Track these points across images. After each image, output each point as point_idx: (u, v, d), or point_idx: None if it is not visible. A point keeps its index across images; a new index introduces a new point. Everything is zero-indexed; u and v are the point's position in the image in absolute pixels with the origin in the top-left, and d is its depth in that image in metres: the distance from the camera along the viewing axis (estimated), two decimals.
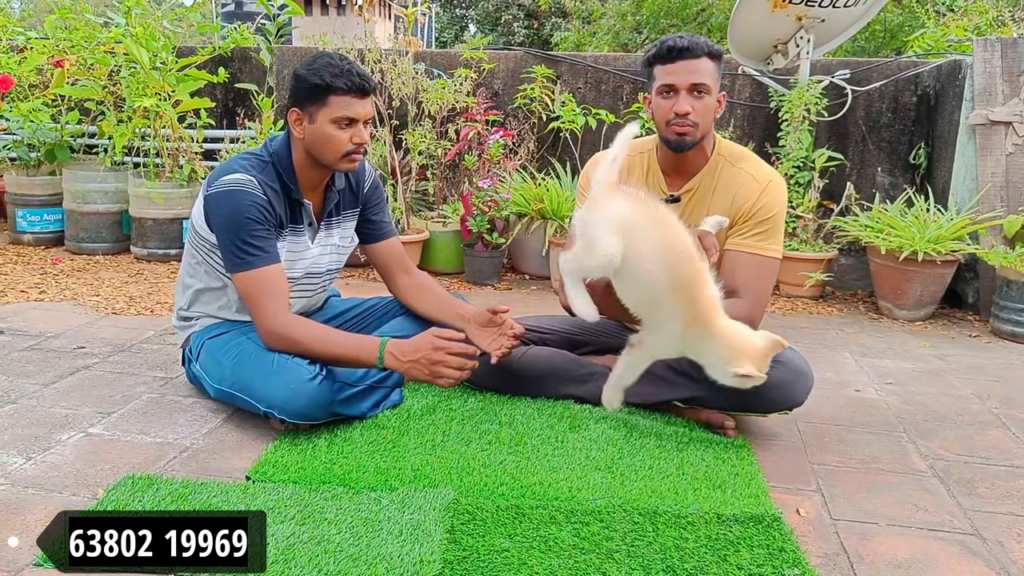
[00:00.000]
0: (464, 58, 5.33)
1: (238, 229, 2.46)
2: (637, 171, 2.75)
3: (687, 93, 2.52)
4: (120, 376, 2.95)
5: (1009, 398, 3.16)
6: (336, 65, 2.46)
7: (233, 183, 2.48)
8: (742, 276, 2.59)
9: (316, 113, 2.49)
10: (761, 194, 2.59)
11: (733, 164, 2.66)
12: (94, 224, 5.08)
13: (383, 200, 2.94)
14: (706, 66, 2.53)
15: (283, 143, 2.61)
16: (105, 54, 4.99)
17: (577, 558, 1.86)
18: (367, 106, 2.52)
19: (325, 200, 2.71)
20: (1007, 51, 4.45)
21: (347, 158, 2.54)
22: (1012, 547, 2.03)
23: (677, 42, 2.52)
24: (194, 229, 2.65)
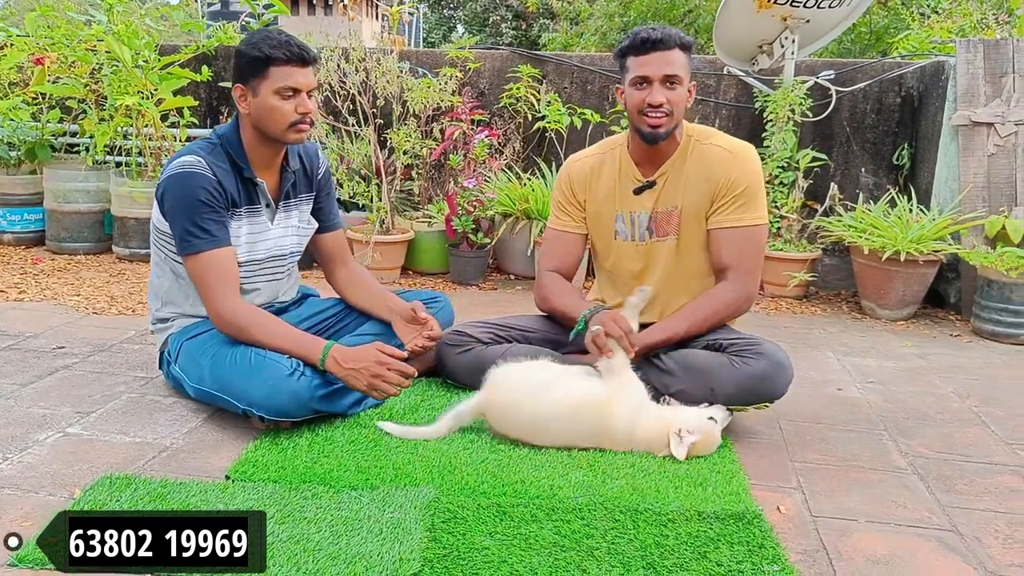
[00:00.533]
0: (450, 57, 5.32)
1: (188, 212, 2.49)
2: (608, 168, 2.81)
3: (660, 84, 2.58)
4: (100, 376, 2.93)
5: (989, 396, 3.18)
6: (274, 37, 2.50)
7: (181, 166, 2.51)
8: (728, 253, 2.68)
9: (259, 86, 2.51)
10: (734, 164, 2.67)
11: (702, 141, 2.73)
12: (75, 224, 5.05)
13: (333, 189, 2.98)
14: (678, 57, 2.58)
15: (231, 124, 2.64)
16: (87, 52, 4.96)
17: (557, 556, 1.86)
18: (309, 75, 2.54)
19: (282, 180, 2.72)
20: (990, 53, 4.47)
21: (293, 128, 2.55)
22: (990, 543, 2.04)
23: (650, 34, 2.56)
24: (154, 225, 2.68)
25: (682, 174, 2.72)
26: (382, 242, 4.67)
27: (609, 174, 2.81)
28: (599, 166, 2.83)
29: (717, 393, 2.56)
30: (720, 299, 2.69)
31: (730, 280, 2.68)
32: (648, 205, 2.77)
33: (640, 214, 2.78)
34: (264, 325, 2.52)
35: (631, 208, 2.79)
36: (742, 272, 2.68)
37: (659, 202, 2.76)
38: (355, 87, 4.87)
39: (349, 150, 5.02)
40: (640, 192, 2.76)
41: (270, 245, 2.71)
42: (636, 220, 2.79)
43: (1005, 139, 4.41)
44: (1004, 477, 2.44)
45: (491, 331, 2.89)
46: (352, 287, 2.94)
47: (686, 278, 2.80)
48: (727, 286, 2.69)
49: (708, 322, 2.69)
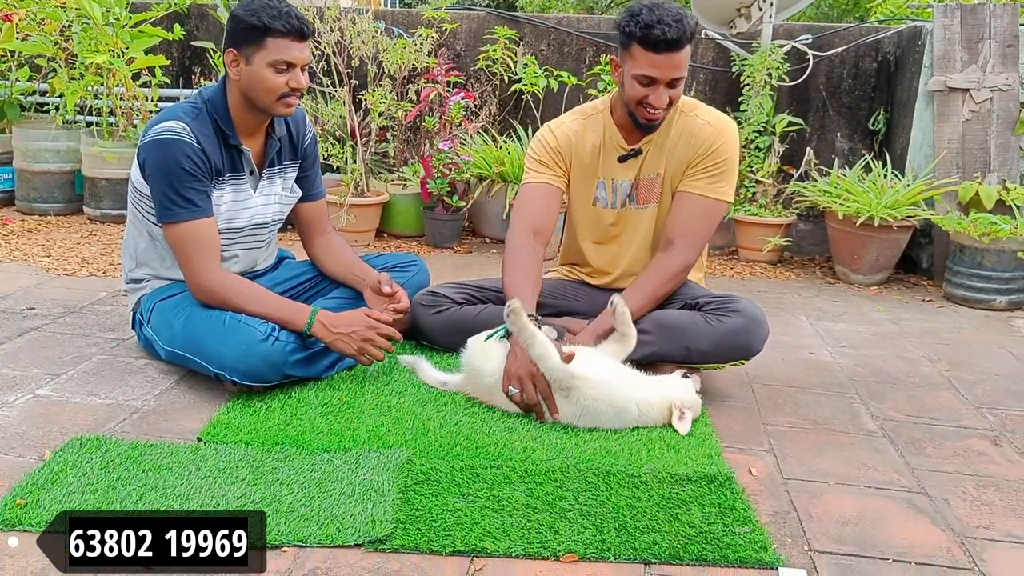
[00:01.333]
0: (426, 18, 5.26)
1: (170, 179, 2.44)
2: (591, 134, 2.75)
3: (666, 86, 2.50)
4: (70, 337, 2.90)
5: (958, 361, 3.21)
6: (274, 7, 2.42)
7: (166, 131, 2.44)
8: (684, 220, 2.67)
9: (253, 55, 2.45)
10: (716, 137, 2.65)
11: (687, 113, 2.70)
12: (46, 184, 4.97)
13: (318, 157, 2.94)
14: (686, 55, 2.49)
15: (218, 88, 2.57)
16: (56, 9, 4.84)
17: (530, 517, 1.87)
18: (305, 50, 2.50)
19: (267, 147, 2.67)
20: (967, 18, 4.47)
21: (282, 101, 2.51)
22: (957, 504, 2.07)
23: (667, 33, 2.40)
24: (133, 185, 2.62)
25: (666, 142, 2.69)
26: (357, 204, 4.63)
27: (593, 140, 2.75)
28: (583, 131, 2.77)
29: (692, 351, 2.57)
30: (669, 271, 2.66)
31: (679, 249, 2.66)
32: (631, 173, 2.74)
33: (622, 182, 2.75)
34: (246, 293, 2.51)
35: (614, 175, 2.76)
36: (691, 243, 2.67)
37: (643, 169, 2.73)
38: (329, 47, 4.80)
39: (323, 111, 4.96)
40: (624, 160, 2.73)
41: (252, 213, 2.67)
42: (618, 187, 2.76)
43: (980, 105, 4.43)
44: (972, 440, 2.47)
45: (465, 292, 2.88)
46: (328, 256, 2.90)
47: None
48: (675, 256, 2.66)
49: (658, 298, 2.66)
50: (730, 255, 4.90)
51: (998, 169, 4.41)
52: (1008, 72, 4.41)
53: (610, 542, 1.79)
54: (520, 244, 2.70)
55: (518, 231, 2.74)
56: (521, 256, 2.68)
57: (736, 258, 4.83)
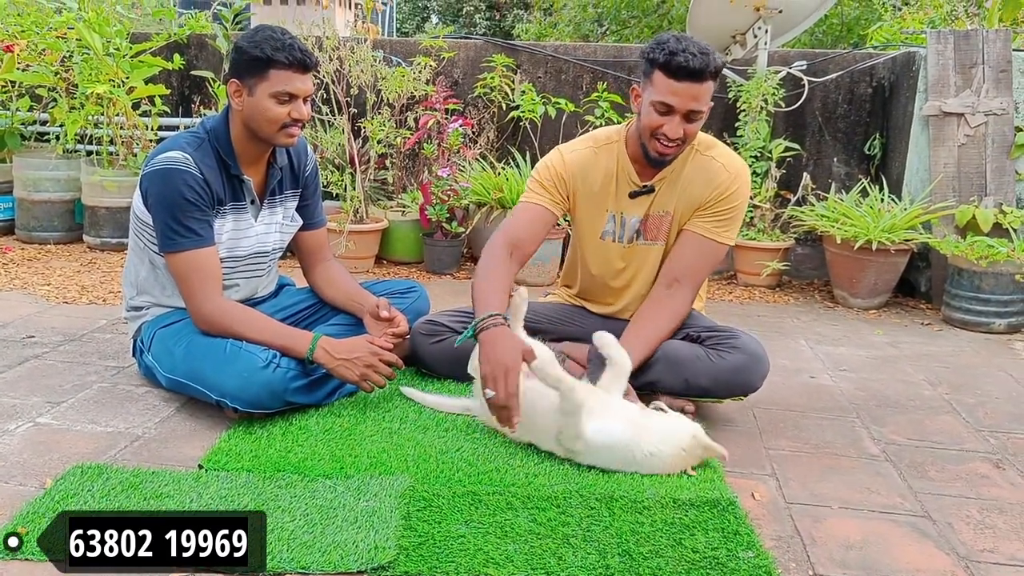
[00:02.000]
0: (424, 46, 5.30)
1: (172, 209, 2.45)
2: (604, 164, 2.69)
3: (682, 118, 2.45)
4: (71, 365, 2.90)
5: (959, 384, 3.21)
6: (277, 39, 2.44)
7: (168, 161, 2.46)
8: (689, 260, 2.64)
9: (256, 86, 2.46)
10: (732, 183, 2.62)
11: (703, 152, 2.65)
12: (46, 213, 4.98)
13: (319, 186, 2.94)
14: (708, 90, 2.44)
15: (221, 118, 2.58)
16: (57, 39, 4.88)
17: (533, 543, 1.86)
18: (307, 82, 2.51)
19: (268, 177, 2.69)
20: (960, 43, 4.51)
21: (284, 132, 2.52)
22: (961, 528, 2.06)
23: (690, 62, 2.36)
24: (134, 214, 2.62)
25: (679, 180, 2.65)
26: (356, 231, 4.65)
27: (606, 171, 2.70)
28: (594, 160, 2.71)
29: (691, 385, 2.56)
30: (675, 311, 2.63)
31: (685, 289, 2.63)
32: (642, 209, 2.69)
33: (632, 217, 2.71)
34: (247, 320, 2.51)
35: (623, 209, 2.71)
36: (692, 285, 2.66)
37: (653, 206, 2.68)
38: (328, 76, 4.83)
39: (323, 139, 4.98)
40: (635, 196, 2.69)
41: (252, 242, 2.68)
42: (627, 222, 2.72)
43: (975, 129, 4.46)
44: (975, 463, 2.47)
45: (464, 320, 2.86)
46: (327, 283, 2.90)
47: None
48: (680, 296, 2.63)
49: (663, 337, 2.60)
50: (729, 279, 4.91)
51: (994, 192, 4.43)
52: (1002, 96, 4.45)
53: (614, 568, 1.78)
54: (495, 253, 2.62)
55: (497, 243, 2.66)
56: (494, 264, 2.60)
57: (735, 282, 4.84)
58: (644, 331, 2.57)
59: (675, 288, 2.64)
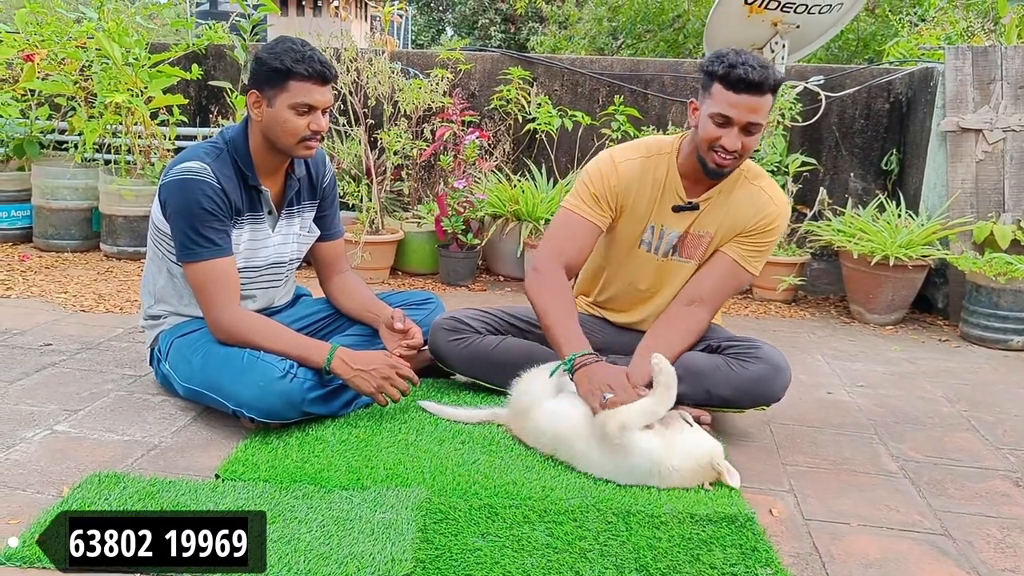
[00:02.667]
0: (440, 59, 5.31)
1: (191, 219, 2.46)
2: (651, 174, 2.65)
3: (740, 130, 2.42)
4: (87, 373, 2.91)
5: (977, 401, 3.19)
6: (298, 50, 2.44)
7: (187, 171, 2.46)
8: (714, 282, 2.64)
9: (275, 97, 2.46)
10: (776, 218, 2.63)
11: (751, 181, 2.65)
12: (63, 221, 5.01)
13: (337, 198, 2.95)
14: (767, 103, 2.43)
15: (240, 128, 2.59)
16: (76, 49, 4.92)
17: (550, 557, 1.85)
18: (327, 94, 2.51)
19: (286, 188, 2.69)
20: (978, 60, 4.49)
21: (303, 144, 2.52)
22: (981, 547, 2.04)
23: (749, 74, 2.35)
24: (153, 223, 2.64)
25: (727, 203, 2.63)
26: (372, 242, 4.65)
27: (654, 182, 2.65)
28: (644, 172, 2.65)
29: (713, 395, 2.55)
30: (694, 331, 2.64)
31: (706, 310, 2.64)
32: (682, 225, 2.66)
33: (671, 231, 2.68)
34: (265, 330, 2.51)
35: (664, 222, 2.67)
36: (711, 307, 2.66)
37: (695, 224, 2.65)
38: (346, 87, 4.86)
39: (339, 150, 5.00)
40: (679, 211, 2.64)
41: (270, 252, 2.69)
42: (665, 235, 2.69)
43: (993, 145, 4.44)
44: (995, 481, 2.45)
45: (485, 321, 2.84)
46: (344, 294, 2.90)
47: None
48: (701, 316, 2.64)
49: (679, 354, 2.58)
50: (745, 294, 4.89)
51: (1012, 209, 4.41)
52: (1021, 113, 4.43)
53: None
54: (554, 278, 2.61)
55: (550, 263, 2.63)
56: (561, 290, 2.60)
57: (751, 297, 4.82)
58: (658, 347, 2.49)
59: (695, 307, 2.63)
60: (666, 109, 5.36)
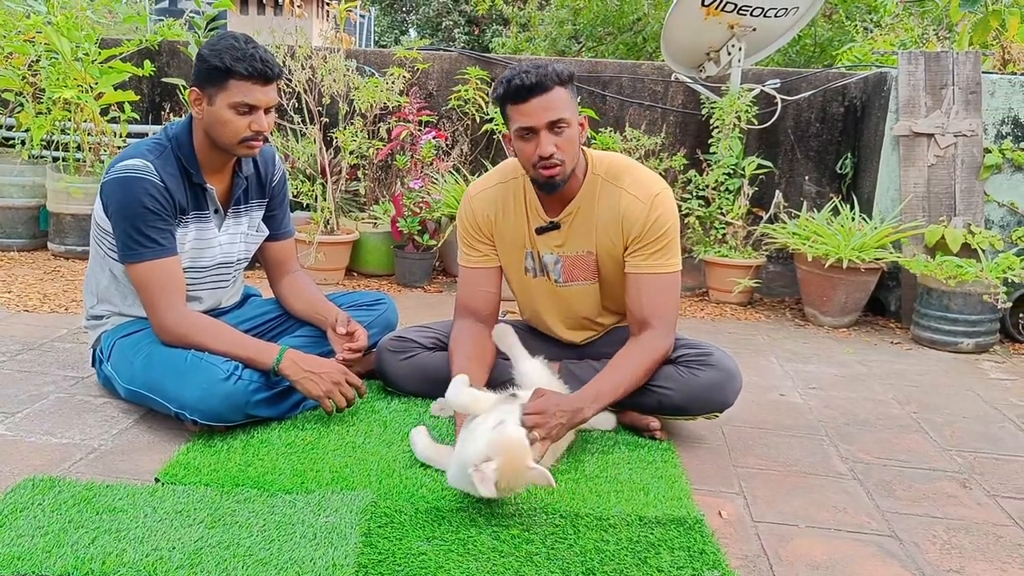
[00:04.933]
0: (398, 57, 5.27)
1: (133, 218, 2.40)
2: (512, 200, 2.61)
3: (547, 132, 2.35)
4: (28, 375, 2.83)
5: (927, 403, 3.21)
6: (239, 48, 2.37)
7: (128, 169, 2.40)
8: (649, 303, 2.51)
9: (215, 96, 2.41)
10: (649, 212, 2.49)
11: (612, 183, 2.53)
12: (9, 219, 4.89)
13: (288, 196, 2.90)
14: (560, 97, 2.34)
15: (184, 125, 2.53)
16: (25, 43, 4.81)
17: (496, 561, 1.82)
18: (269, 93, 2.44)
19: (233, 186, 2.64)
20: (930, 65, 4.54)
21: (244, 144, 2.46)
22: (927, 548, 2.05)
23: (524, 79, 2.30)
24: (95, 222, 2.57)
25: (591, 216, 2.54)
26: (326, 242, 4.60)
27: (515, 208, 2.61)
28: (503, 198, 2.63)
29: (665, 404, 2.53)
30: (652, 354, 2.49)
31: (658, 331, 2.50)
32: (555, 247, 2.61)
33: (547, 254, 2.62)
34: (211, 332, 2.46)
35: (537, 246, 2.63)
36: (666, 323, 2.52)
37: (567, 246, 2.59)
38: (300, 85, 4.80)
39: (294, 149, 4.94)
40: (542, 232, 2.59)
41: (216, 252, 2.63)
42: (543, 259, 2.63)
43: (945, 150, 4.49)
44: (942, 483, 2.46)
45: (433, 336, 2.82)
46: (293, 295, 2.85)
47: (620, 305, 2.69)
48: (656, 338, 2.50)
49: (642, 380, 2.48)
50: (700, 296, 4.91)
51: (963, 213, 4.46)
52: (971, 118, 4.48)
53: None
54: (457, 327, 2.66)
55: (456, 321, 2.70)
56: (458, 338, 2.62)
57: (706, 299, 4.83)
58: (615, 375, 2.43)
59: (646, 332, 2.51)
60: (624, 111, 5.36)
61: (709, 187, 4.84)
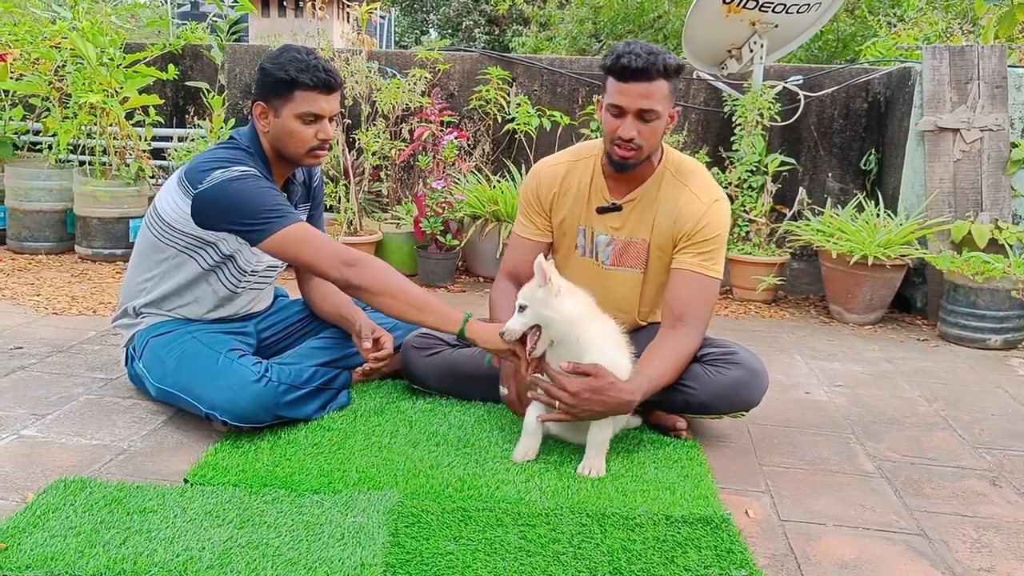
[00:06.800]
0: (419, 58, 5.29)
1: (259, 198, 2.40)
2: (578, 176, 2.66)
3: (634, 117, 2.41)
4: (57, 377, 2.86)
5: (955, 400, 3.19)
6: (302, 60, 2.42)
7: (243, 173, 2.42)
8: (686, 298, 2.52)
9: (281, 108, 2.45)
10: (705, 214, 2.52)
11: (679, 179, 2.58)
12: (37, 223, 4.95)
13: (323, 198, 2.94)
14: (659, 89, 2.39)
15: (252, 136, 2.55)
16: (51, 49, 4.86)
17: (523, 561, 1.83)
18: (333, 102, 2.49)
19: (289, 193, 2.68)
20: (955, 59, 4.51)
21: (311, 154, 2.51)
22: (957, 547, 2.03)
23: (632, 62, 2.34)
24: (167, 225, 2.52)
25: (652, 206, 2.59)
26: (350, 243, 4.62)
27: (580, 184, 2.66)
28: (570, 174, 2.67)
29: (692, 402, 2.52)
30: (685, 351, 2.49)
31: (691, 328, 2.50)
32: (611, 229, 2.64)
33: (600, 234, 2.66)
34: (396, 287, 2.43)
35: (593, 225, 2.67)
36: (699, 323, 2.52)
37: (623, 230, 2.63)
38: None
39: None
40: (603, 212, 2.63)
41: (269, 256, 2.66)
42: (596, 238, 2.67)
43: (970, 145, 4.45)
44: (971, 481, 2.44)
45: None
46: (319, 296, 2.87)
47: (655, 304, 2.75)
48: (688, 335, 2.50)
49: (672, 377, 2.48)
50: (724, 294, 4.89)
51: (990, 208, 4.42)
52: (997, 112, 4.44)
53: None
54: (499, 287, 2.74)
55: (499, 279, 2.77)
56: (505, 293, 2.66)
57: (731, 297, 4.82)
58: (649, 370, 2.41)
59: (679, 326, 2.51)
60: None
61: (732, 184, 4.81)
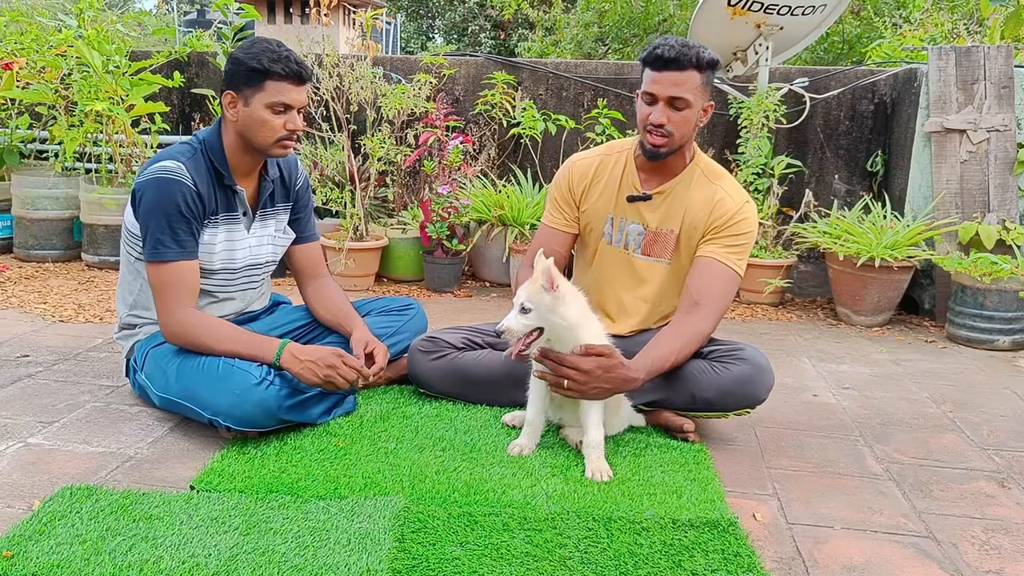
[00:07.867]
0: (424, 63, 5.29)
1: (163, 218, 2.45)
2: (610, 168, 2.75)
3: (665, 105, 2.50)
4: (64, 385, 2.87)
5: (963, 402, 3.17)
6: (274, 51, 2.46)
7: (163, 170, 2.46)
8: (708, 284, 2.57)
9: (252, 97, 2.48)
10: (739, 211, 2.61)
11: (710, 180, 2.66)
12: (44, 231, 4.97)
13: (312, 201, 2.95)
14: (691, 79, 2.48)
15: (213, 130, 2.60)
16: (56, 57, 4.88)
17: (529, 565, 1.82)
18: (302, 93, 2.53)
19: (260, 189, 2.69)
20: (961, 60, 4.49)
21: (279, 144, 2.54)
22: (966, 549, 2.02)
23: (666, 51, 2.46)
24: (126, 228, 2.62)
25: (683, 200, 2.65)
26: (356, 249, 4.63)
27: (611, 175, 2.74)
28: (602, 165, 2.77)
29: (697, 399, 2.53)
30: (697, 335, 2.53)
31: (706, 312, 2.54)
32: (642, 219, 2.70)
33: (630, 224, 2.71)
34: (214, 332, 2.49)
35: (623, 214, 2.72)
36: (715, 310, 2.56)
37: (654, 221, 2.69)
38: (328, 92, 4.83)
39: (323, 156, 4.97)
40: (633, 201, 2.69)
41: (246, 254, 2.68)
42: (626, 228, 2.72)
43: (977, 146, 4.43)
44: (980, 483, 2.43)
45: (465, 337, 2.84)
46: (319, 301, 2.89)
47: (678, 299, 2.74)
48: (703, 320, 2.54)
49: (680, 360, 2.51)
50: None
51: (997, 209, 4.40)
52: (1004, 113, 4.43)
53: None
54: (524, 271, 2.71)
55: (525, 262, 2.79)
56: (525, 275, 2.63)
57: (738, 300, 4.80)
58: (654, 350, 2.46)
59: (695, 310, 2.55)
60: None
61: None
